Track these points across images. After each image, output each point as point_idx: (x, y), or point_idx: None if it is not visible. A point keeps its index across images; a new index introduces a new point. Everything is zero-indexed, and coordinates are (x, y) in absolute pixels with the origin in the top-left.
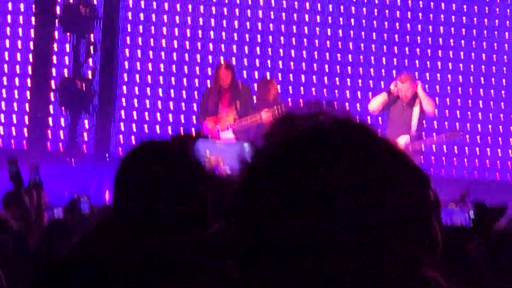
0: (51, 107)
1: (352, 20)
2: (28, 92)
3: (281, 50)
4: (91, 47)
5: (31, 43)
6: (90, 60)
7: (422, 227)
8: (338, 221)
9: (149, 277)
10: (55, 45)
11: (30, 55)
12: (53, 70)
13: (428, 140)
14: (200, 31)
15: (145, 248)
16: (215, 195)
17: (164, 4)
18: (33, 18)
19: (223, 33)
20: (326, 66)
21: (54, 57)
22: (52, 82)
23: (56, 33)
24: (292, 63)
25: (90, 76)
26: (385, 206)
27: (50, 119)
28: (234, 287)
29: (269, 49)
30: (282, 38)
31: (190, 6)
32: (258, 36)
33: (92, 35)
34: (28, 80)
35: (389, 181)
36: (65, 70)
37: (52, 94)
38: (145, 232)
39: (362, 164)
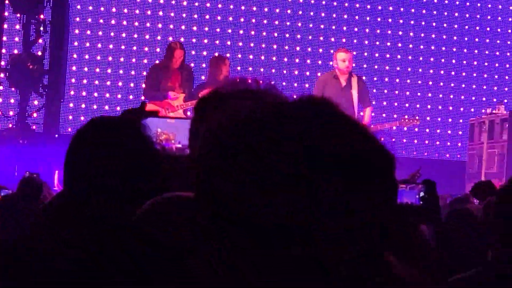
0: (0, 86)
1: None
2: None
3: (229, 30)
4: (41, 26)
5: None
6: (40, 39)
7: (391, 207)
8: (318, 206)
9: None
10: (5, 25)
11: None
12: (3, 49)
13: (380, 126)
14: (149, 11)
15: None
16: (165, 170)
17: None
18: None
19: (172, 13)
20: (275, 45)
21: (4, 37)
22: (2, 61)
23: (6, 12)
24: (241, 43)
25: (40, 55)
26: (364, 189)
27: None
28: (227, 273)
29: (218, 29)
30: (231, 17)
31: None
32: (207, 16)
33: (42, 14)
34: None
35: (360, 160)
36: (15, 49)
37: (1, 73)
38: (97, 208)
39: (332, 142)
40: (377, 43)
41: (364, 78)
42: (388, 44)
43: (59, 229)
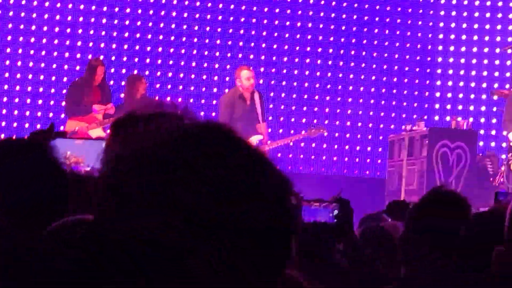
0: None
1: (221, 16)
2: None
3: (148, 47)
4: None
5: None
6: None
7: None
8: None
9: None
10: None
11: None
12: None
13: (287, 139)
14: (69, 29)
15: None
16: (72, 191)
17: (33, 0)
18: None
19: (91, 31)
20: (194, 62)
21: None
22: None
23: None
24: (159, 60)
25: None
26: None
27: None
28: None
29: (137, 46)
30: (149, 35)
31: (58, 4)
32: (126, 33)
33: None
34: None
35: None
36: None
37: None
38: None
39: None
40: (296, 60)
41: (284, 94)
42: (307, 61)
43: None
